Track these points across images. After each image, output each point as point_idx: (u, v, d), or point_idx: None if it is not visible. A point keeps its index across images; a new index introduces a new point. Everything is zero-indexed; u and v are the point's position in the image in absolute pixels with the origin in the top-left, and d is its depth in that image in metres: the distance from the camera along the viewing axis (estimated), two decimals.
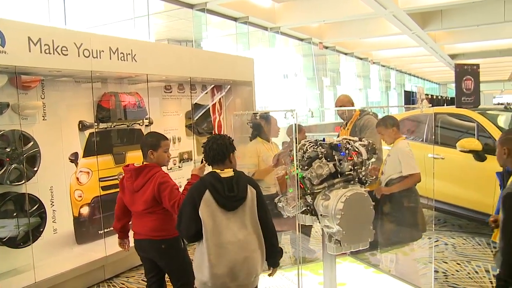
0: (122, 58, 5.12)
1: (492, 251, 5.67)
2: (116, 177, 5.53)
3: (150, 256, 3.65)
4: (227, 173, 2.94)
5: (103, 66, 4.93)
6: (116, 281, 5.16)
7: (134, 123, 5.91)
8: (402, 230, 4.56)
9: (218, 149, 2.98)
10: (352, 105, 5.25)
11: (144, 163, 3.61)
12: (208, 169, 3.10)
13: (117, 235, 3.92)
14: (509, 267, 2.77)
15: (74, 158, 5.19)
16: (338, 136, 5.03)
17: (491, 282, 4.73)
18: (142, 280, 5.12)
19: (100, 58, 4.85)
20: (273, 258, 3.11)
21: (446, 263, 5.37)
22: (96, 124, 5.34)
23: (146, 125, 5.98)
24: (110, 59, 4.97)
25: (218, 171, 2.96)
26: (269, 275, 3.22)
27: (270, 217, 3.04)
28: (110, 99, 5.54)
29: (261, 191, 3.04)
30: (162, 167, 3.67)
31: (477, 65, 7.33)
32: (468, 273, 4.69)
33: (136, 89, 5.97)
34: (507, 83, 42.05)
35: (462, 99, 7.03)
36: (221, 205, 2.85)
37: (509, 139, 3.06)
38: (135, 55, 5.26)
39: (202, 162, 4.37)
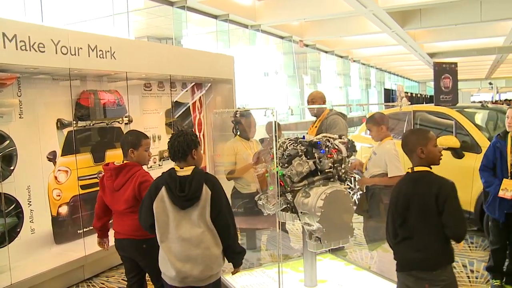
0: (101, 56, 5.05)
1: (469, 247, 5.75)
2: (96, 176, 5.46)
3: (131, 255, 3.62)
4: (185, 171, 2.95)
5: (82, 64, 4.86)
6: (96, 281, 5.10)
7: (114, 121, 5.84)
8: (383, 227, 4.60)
9: (179, 146, 2.97)
10: (324, 102, 5.26)
11: (125, 162, 3.58)
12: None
13: (96, 234, 3.87)
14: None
15: (52, 157, 5.11)
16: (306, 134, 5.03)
17: (468, 277, 4.81)
18: (122, 279, 5.07)
19: (78, 55, 4.77)
20: (233, 259, 3.13)
21: None
22: (74, 122, 5.27)
23: (125, 123, 5.93)
24: (89, 56, 4.90)
25: (177, 168, 2.99)
26: (232, 273, 3.24)
27: (226, 218, 2.98)
28: (89, 97, 5.46)
29: (219, 191, 2.98)
30: (143, 166, 3.64)
31: (455, 64, 7.42)
32: None
33: (116, 87, 5.91)
34: (484, 81, 42.78)
35: (441, 97, 7.12)
36: (173, 203, 2.90)
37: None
38: (114, 52, 5.19)
39: None
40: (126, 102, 5.83)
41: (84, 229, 5.22)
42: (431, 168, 2.83)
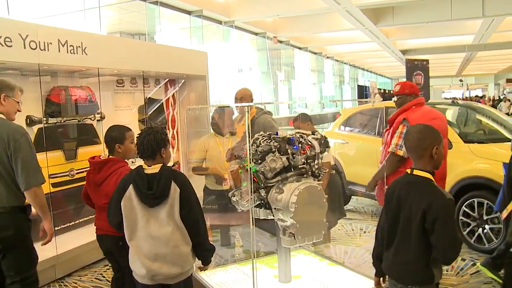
0: (72, 51, 4.96)
1: None
2: (68, 173, 5.38)
3: (111, 251, 3.60)
4: (153, 169, 2.93)
5: (52, 59, 4.76)
6: (68, 281, 5.01)
7: (85, 118, 5.77)
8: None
9: (148, 144, 2.94)
10: (252, 101, 5.27)
11: (110, 156, 3.56)
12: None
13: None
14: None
15: None
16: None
17: None
18: (95, 278, 5.01)
19: (48, 50, 4.67)
20: (203, 256, 3.13)
21: None
22: (45, 119, 5.17)
23: (97, 120, 5.85)
24: (59, 51, 4.81)
25: (145, 166, 2.97)
26: (200, 270, 3.25)
27: (196, 216, 2.97)
28: (59, 93, 5.37)
29: (188, 189, 2.97)
30: (129, 160, 3.66)
31: (427, 61, 7.55)
32: None
33: (88, 83, 5.82)
34: (455, 78, 43.62)
35: None
36: (141, 201, 2.88)
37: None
38: (85, 48, 5.11)
39: None
40: (98, 99, 5.75)
41: (56, 228, 5.12)
42: (433, 174, 2.56)
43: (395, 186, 2.64)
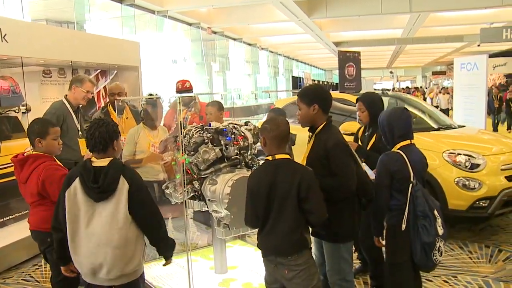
0: None
1: None
2: None
3: (40, 247, 3.46)
4: (102, 162, 2.78)
5: None
6: None
7: (9, 110, 5.48)
8: None
9: (100, 137, 2.77)
10: (125, 94, 5.28)
11: (33, 152, 3.37)
12: None
13: None
14: None
15: None
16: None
17: None
18: (22, 279, 4.76)
19: None
20: (164, 252, 3.01)
21: None
22: None
23: (23, 112, 5.58)
24: None
25: (93, 159, 2.81)
26: (164, 265, 3.14)
27: (149, 212, 2.85)
28: None
29: (139, 184, 2.83)
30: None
31: (358, 53, 7.75)
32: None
33: (11, 73, 5.54)
34: (386, 70, 45.27)
35: (345, 84, 7.39)
36: (86, 194, 2.73)
37: (263, 128, 2.87)
38: (5, 35, 4.83)
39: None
40: (23, 90, 5.48)
41: None
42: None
43: (261, 173, 2.82)
